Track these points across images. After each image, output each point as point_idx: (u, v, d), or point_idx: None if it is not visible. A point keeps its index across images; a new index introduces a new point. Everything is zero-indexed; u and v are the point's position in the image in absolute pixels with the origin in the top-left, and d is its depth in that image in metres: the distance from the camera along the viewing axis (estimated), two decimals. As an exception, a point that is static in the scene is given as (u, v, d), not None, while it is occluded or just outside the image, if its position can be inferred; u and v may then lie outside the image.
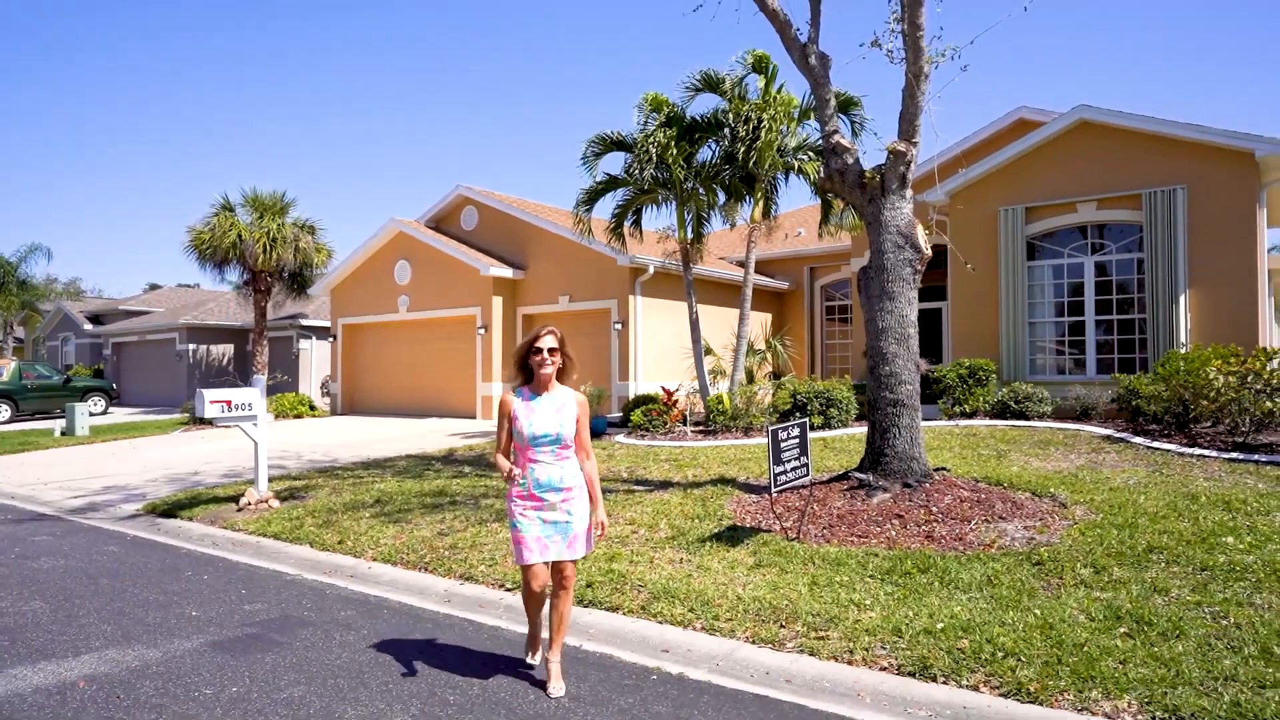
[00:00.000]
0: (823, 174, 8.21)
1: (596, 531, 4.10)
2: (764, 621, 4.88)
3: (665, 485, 8.93)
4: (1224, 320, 12.24)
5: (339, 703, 3.82)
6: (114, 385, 26.69)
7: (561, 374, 4.15)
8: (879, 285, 7.66)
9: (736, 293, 17.52)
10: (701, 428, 13.39)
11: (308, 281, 23.36)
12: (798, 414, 12.74)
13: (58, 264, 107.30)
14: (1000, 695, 3.91)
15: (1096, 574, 5.44)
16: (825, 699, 3.97)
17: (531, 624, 4.38)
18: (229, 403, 8.68)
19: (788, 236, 22.37)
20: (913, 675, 4.15)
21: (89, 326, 34.71)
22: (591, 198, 14.16)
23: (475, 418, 19.03)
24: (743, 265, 14.24)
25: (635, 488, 8.89)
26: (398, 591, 5.94)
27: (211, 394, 8.55)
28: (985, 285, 14.21)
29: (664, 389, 14.61)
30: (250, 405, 8.87)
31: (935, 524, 6.68)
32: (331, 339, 22.88)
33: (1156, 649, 4.23)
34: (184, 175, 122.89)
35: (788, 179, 14.11)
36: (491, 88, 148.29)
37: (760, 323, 20.92)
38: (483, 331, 19.06)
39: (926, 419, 12.73)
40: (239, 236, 21.69)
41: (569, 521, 4.02)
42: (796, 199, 56.58)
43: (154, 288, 59.64)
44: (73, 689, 3.96)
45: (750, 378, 16.13)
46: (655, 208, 14.70)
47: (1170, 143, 12.70)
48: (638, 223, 15.08)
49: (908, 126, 7.53)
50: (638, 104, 13.28)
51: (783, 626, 4.82)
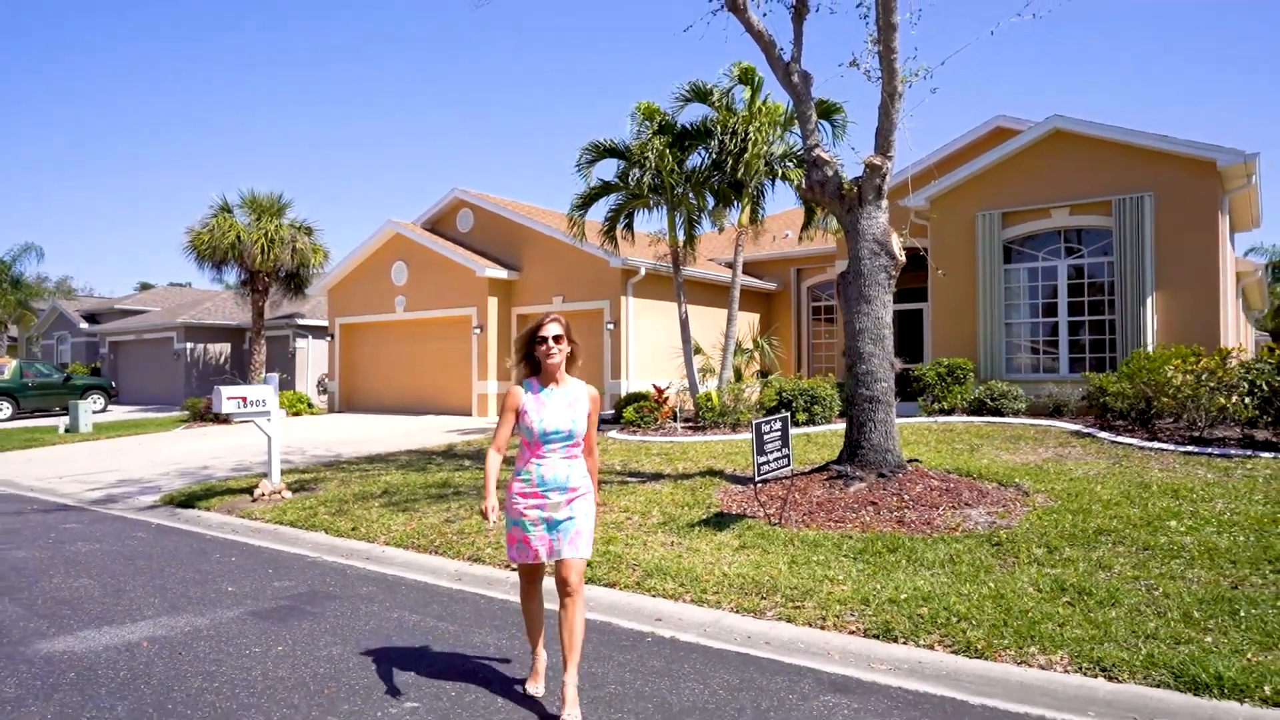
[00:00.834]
0: (805, 185, 8.77)
1: None
2: (747, 594, 5.43)
3: (657, 477, 9.47)
4: (1188, 321, 12.87)
5: (372, 658, 4.35)
6: (113, 383, 27.04)
7: (570, 362, 3.92)
8: (856, 289, 8.22)
9: (725, 293, 18.04)
10: (691, 424, 13.94)
11: (305, 281, 23.83)
12: (783, 410, 13.30)
13: (47, 263, 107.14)
14: (951, 652, 4.46)
15: (1049, 553, 6.00)
16: (799, 656, 4.52)
17: (531, 637, 4.02)
18: (244, 399, 9.19)
19: (775, 239, 22.94)
20: (877, 637, 4.70)
21: (85, 325, 35.01)
22: (586, 202, 14.69)
23: (471, 415, 19.53)
24: (731, 267, 14.79)
25: (629, 479, 9.43)
26: (412, 571, 6.46)
27: (228, 391, 9.05)
28: (964, 287, 14.81)
29: (655, 387, 15.16)
30: (264, 401, 9.38)
31: (906, 510, 7.24)
32: (329, 338, 23.33)
33: (1092, 615, 4.79)
34: (176, 175, 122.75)
35: (774, 185, 14.67)
36: (487, 91, 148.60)
37: (748, 322, 21.49)
38: (478, 331, 19.57)
39: (908, 415, 13.34)
40: (237, 237, 22.16)
41: (571, 519, 3.79)
42: (784, 202, 57.06)
43: (145, 287, 59.85)
44: (138, 648, 4.48)
45: (738, 376, 16.69)
46: (647, 211, 15.26)
47: (1138, 152, 13.33)
48: (630, 226, 15.61)
49: (883, 141, 8.09)
50: (631, 113, 13.84)
51: (763, 598, 5.36)
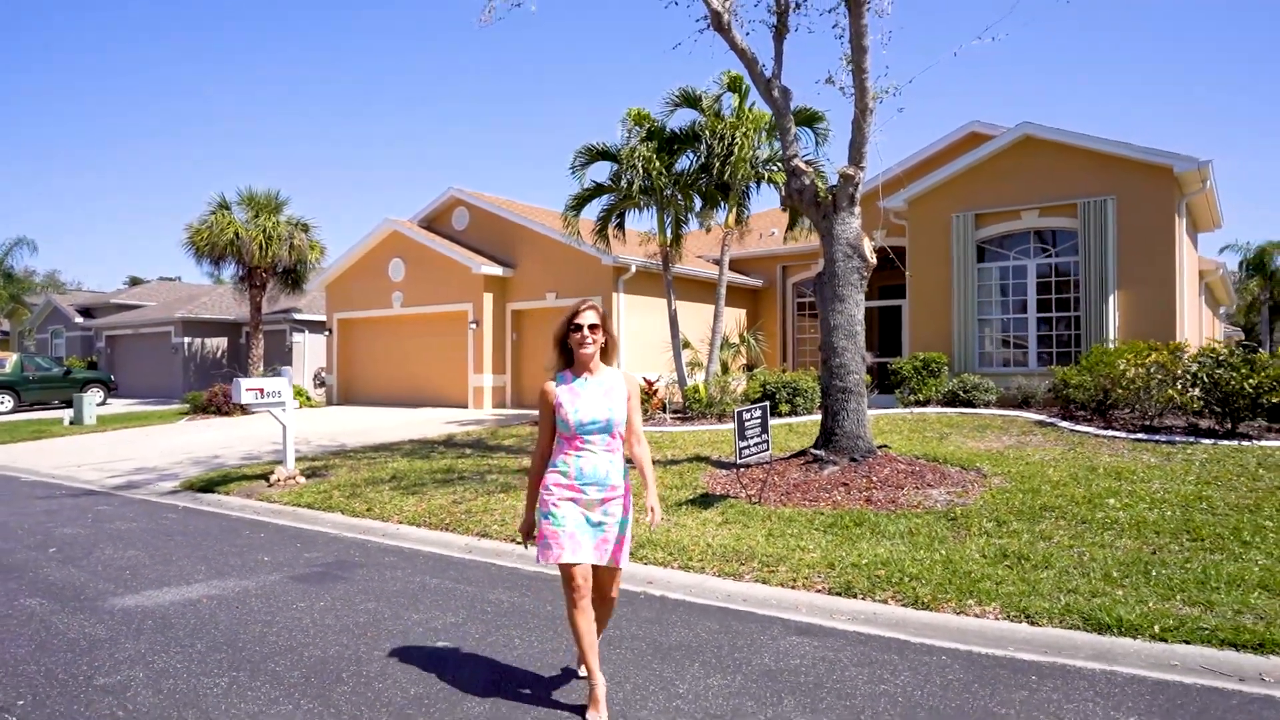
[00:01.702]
0: (785, 193, 9.48)
1: (647, 517, 3.71)
2: (728, 561, 6.14)
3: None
4: (1147, 317, 13.67)
5: (404, 611, 5.05)
6: (111, 377, 27.54)
7: (604, 354, 3.74)
8: (831, 289, 8.95)
9: (714, 290, 18.73)
10: (680, 415, 14.65)
11: (302, 277, 24.40)
12: (766, 401, 14.03)
13: (35, 256, 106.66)
14: (901, 605, 5.19)
15: (997, 526, 6.75)
16: (771, 609, 5.23)
17: (585, 654, 3.59)
18: (261, 390, 9.85)
19: (761, 236, 23.65)
20: (839, 594, 5.43)
21: (79, 320, 35.43)
22: (579, 204, 15.37)
23: (467, 407, 20.19)
24: (719, 264, 15.50)
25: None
26: (426, 545, 7.15)
27: (247, 383, 9.71)
28: (940, 285, 15.57)
29: (645, 379, 15.87)
30: (280, 393, 10.04)
31: (874, 490, 7.98)
32: (327, 333, 23.92)
33: (1026, 576, 5.53)
34: (166, 170, 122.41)
35: (759, 187, 15.38)
36: (484, 92, 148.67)
37: (735, 318, 22.21)
38: (474, 326, 20.21)
39: (886, 407, 14.10)
40: (236, 234, 22.72)
41: (602, 523, 3.63)
42: (769, 201, 57.72)
43: (136, 281, 60.12)
44: (199, 603, 5.16)
45: (725, 369, 17.41)
46: (638, 211, 15.95)
47: (1102, 158, 14.10)
48: (621, 225, 16.30)
49: (856, 153, 8.81)
50: (622, 119, 14.51)
51: (742, 564, 6.08)
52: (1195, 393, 10.48)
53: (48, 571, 6.06)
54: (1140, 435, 10.26)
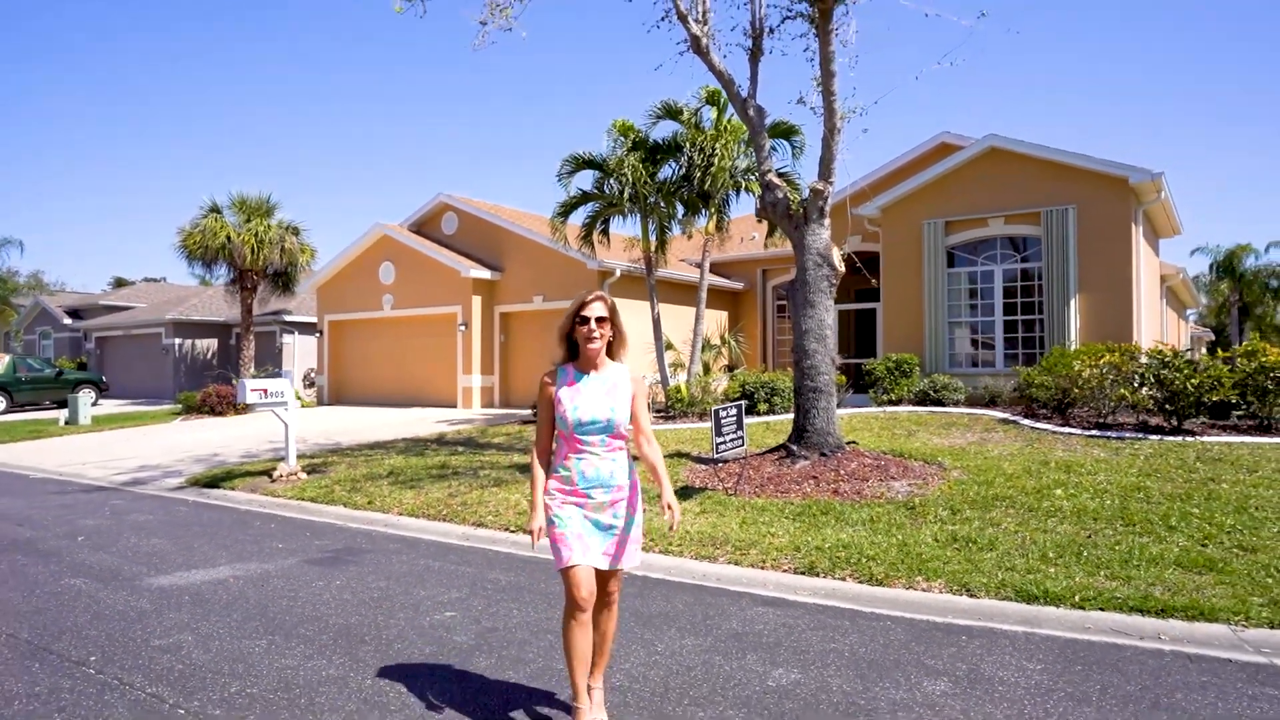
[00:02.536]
0: (760, 205, 10.11)
1: (666, 515, 3.43)
2: (704, 546, 6.75)
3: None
4: (1106, 320, 14.41)
5: (412, 588, 5.63)
6: (103, 378, 27.86)
7: (611, 351, 3.53)
8: (803, 296, 9.58)
9: (695, 292, 19.38)
10: (662, 413, 15.26)
11: (292, 279, 24.85)
12: (746, 401, 14.67)
13: (22, 258, 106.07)
14: (858, 582, 5.81)
15: (952, 514, 7.39)
16: (742, 586, 5.84)
17: (574, 673, 3.35)
18: (265, 390, 10.40)
19: (743, 241, 24.30)
20: (803, 573, 6.04)
21: (68, 321, 35.65)
22: (566, 211, 15.96)
23: (456, 407, 20.72)
24: (700, 268, 16.13)
25: (607, 461, 10.71)
26: (426, 534, 7.71)
27: (252, 384, 10.25)
28: (912, 289, 16.26)
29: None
30: (282, 393, 10.58)
31: (841, 483, 8.61)
32: (318, 334, 24.38)
33: (971, 557, 6.17)
34: (152, 173, 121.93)
35: (738, 195, 16.01)
36: (473, 100, 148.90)
37: (717, 320, 22.84)
38: (463, 328, 20.75)
39: (859, 406, 14.77)
40: (228, 238, 23.17)
41: (613, 526, 3.43)
42: (749, 208, 58.39)
43: (121, 282, 60.12)
44: (227, 583, 5.73)
45: (707, 370, 18.04)
46: (622, 218, 16.53)
47: (1063, 168, 14.83)
48: (606, 231, 16.88)
49: (825, 169, 9.45)
50: (607, 129, 15.13)
51: (717, 549, 6.69)
52: (1145, 392, 11.18)
53: (82, 556, 6.60)
54: (1094, 432, 10.95)
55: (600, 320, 3.44)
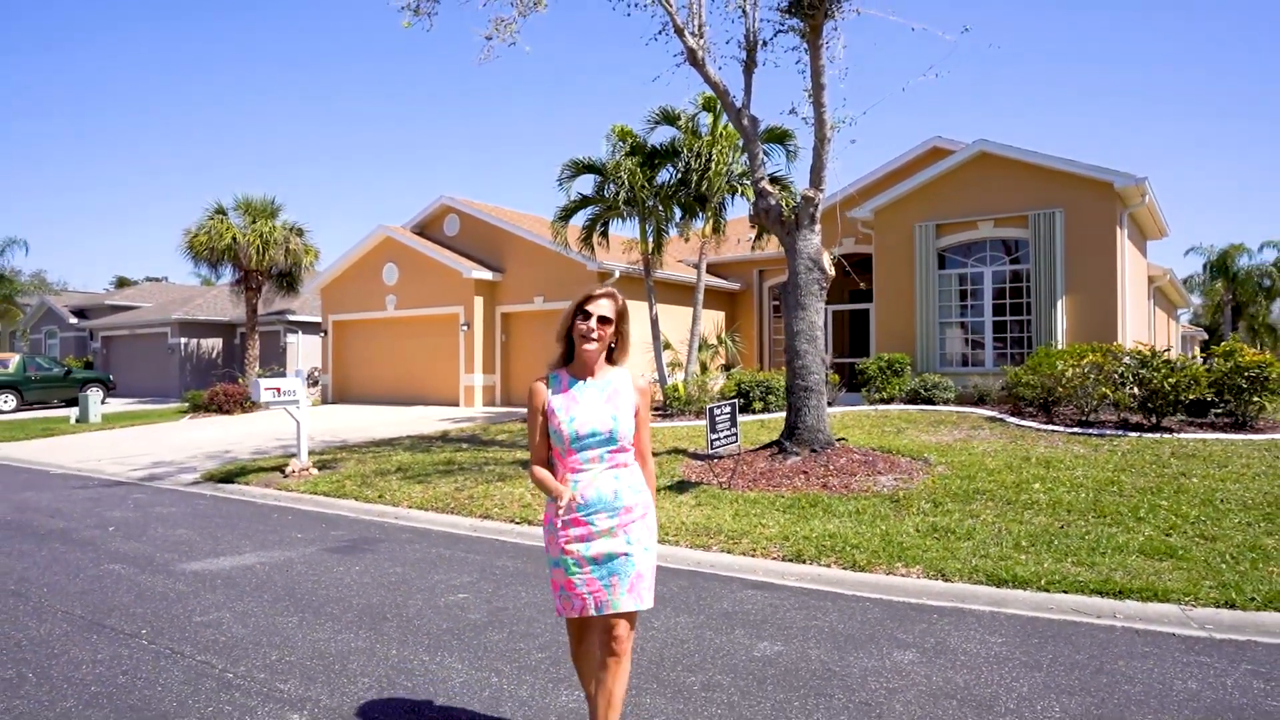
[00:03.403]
0: (753, 211, 10.52)
1: None
2: (698, 535, 7.17)
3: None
4: (1092, 321, 14.84)
5: (426, 573, 6.05)
6: (110, 377, 28.26)
7: (612, 357, 3.16)
8: (794, 298, 9.99)
9: (693, 293, 19.81)
10: (660, 412, 15.67)
11: (296, 280, 25.30)
12: (742, 400, 15.09)
13: (27, 257, 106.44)
14: (842, 568, 6.23)
15: (934, 506, 7.81)
16: (733, 572, 6.27)
17: (590, 694, 3.14)
18: (278, 389, 10.81)
19: (740, 241, 24.70)
20: (790, 560, 6.47)
21: (74, 320, 36.07)
22: (567, 214, 16.38)
23: (459, 405, 21.15)
24: (697, 269, 16.55)
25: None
26: (436, 525, 8.13)
27: (266, 383, 10.67)
28: (904, 290, 16.68)
29: (629, 379, 16.85)
30: (294, 392, 11.00)
31: (830, 477, 9.04)
32: (322, 334, 24.79)
33: (949, 546, 6.59)
34: (155, 173, 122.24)
35: (734, 199, 16.43)
36: (476, 104, 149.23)
37: (714, 320, 23.27)
38: (465, 328, 21.17)
39: (852, 404, 15.19)
40: (234, 239, 23.62)
41: (628, 555, 2.98)
42: (746, 208, 59.03)
43: (124, 281, 60.51)
44: (254, 568, 6.15)
45: (704, 369, 18.47)
46: (621, 220, 16.94)
47: (1051, 173, 15.25)
48: (605, 233, 17.28)
49: (816, 177, 9.86)
50: (606, 134, 15.53)
51: (710, 538, 7.11)
52: (1126, 391, 11.61)
53: (116, 545, 7.02)
54: (1076, 429, 11.37)
55: (603, 321, 3.03)
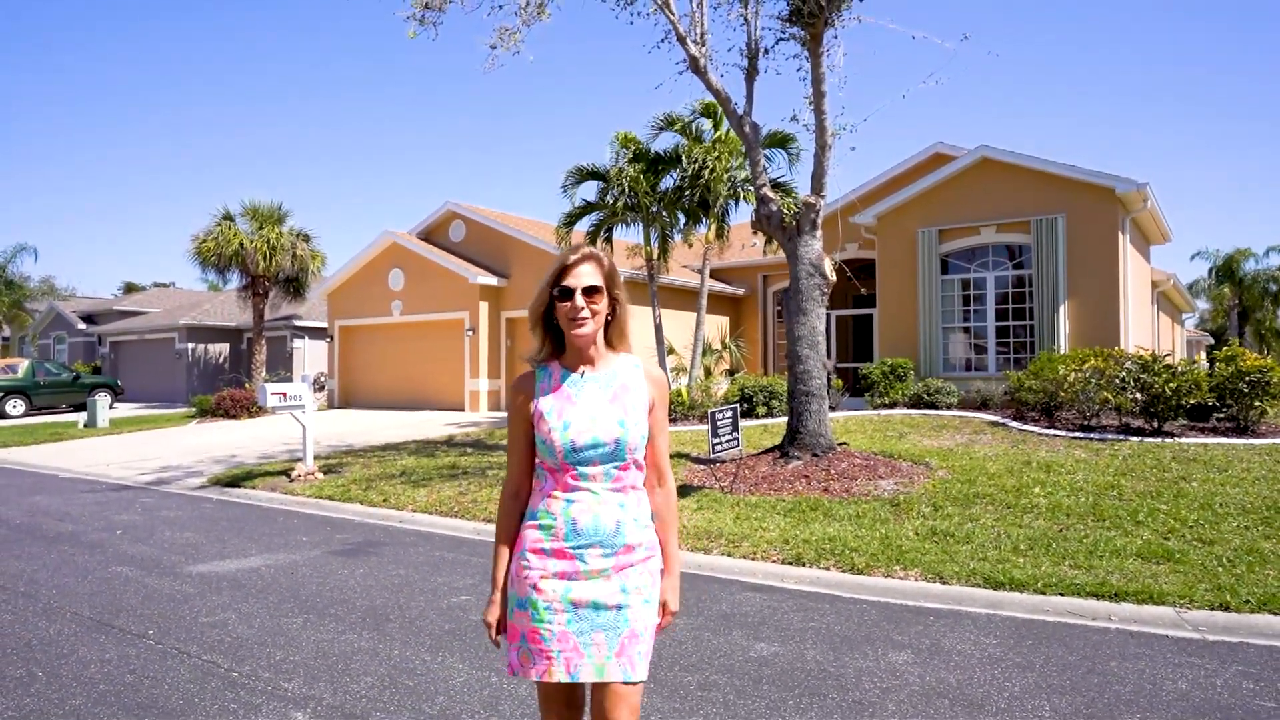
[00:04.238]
0: (755, 217, 10.60)
1: (659, 616, 2.34)
2: (700, 538, 7.23)
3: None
4: (1094, 325, 14.87)
5: (429, 576, 6.12)
6: (118, 382, 28.44)
7: (613, 329, 2.37)
8: (796, 304, 10.06)
9: (697, 298, 19.89)
10: (664, 417, 15.74)
11: (303, 285, 25.47)
12: (745, 404, 15.14)
13: (35, 264, 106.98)
14: (841, 571, 6.29)
15: (934, 510, 7.86)
16: (733, 574, 6.32)
17: None
18: (285, 394, 10.91)
19: (744, 247, 24.78)
20: (790, 563, 6.52)
21: (82, 326, 36.29)
22: (571, 220, 16.50)
23: (464, 410, 21.25)
24: (701, 274, 16.63)
25: (610, 461, 11.21)
26: (439, 529, 8.20)
27: (272, 388, 10.76)
28: (907, 295, 16.72)
29: (633, 384, 16.92)
30: (300, 397, 11.10)
31: (831, 481, 9.09)
32: (328, 339, 24.94)
33: (948, 549, 6.64)
34: (161, 179, 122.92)
35: (737, 205, 16.53)
36: (481, 109, 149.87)
37: (718, 325, 23.34)
38: (470, 333, 21.28)
39: (856, 409, 15.23)
40: (241, 245, 23.81)
41: (622, 607, 2.20)
42: (750, 214, 59.19)
43: (131, 287, 60.87)
44: (260, 570, 6.23)
45: (708, 374, 18.54)
46: (625, 226, 17.05)
47: (1052, 178, 15.30)
48: (609, 239, 17.38)
49: (817, 183, 9.93)
50: (610, 141, 15.63)
51: (711, 541, 7.17)
52: (1128, 395, 11.63)
53: (123, 548, 7.12)
54: (1078, 434, 11.40)
55: (590, 292, 2.25)
